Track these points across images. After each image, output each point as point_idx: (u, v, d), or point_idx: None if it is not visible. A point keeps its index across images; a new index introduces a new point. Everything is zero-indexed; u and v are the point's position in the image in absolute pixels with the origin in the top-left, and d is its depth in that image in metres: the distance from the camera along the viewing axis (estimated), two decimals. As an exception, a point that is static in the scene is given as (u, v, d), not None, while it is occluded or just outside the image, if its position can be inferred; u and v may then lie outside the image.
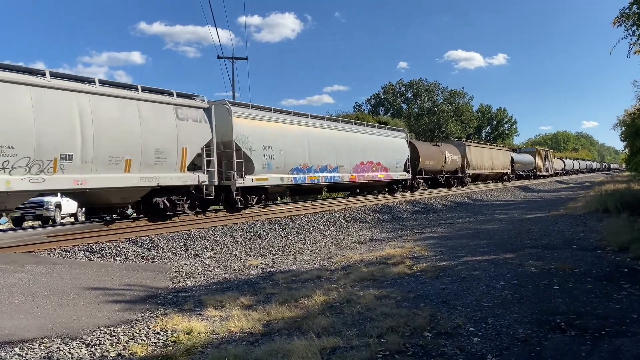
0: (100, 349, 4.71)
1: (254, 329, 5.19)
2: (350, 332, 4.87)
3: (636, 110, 25.26)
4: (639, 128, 21.81)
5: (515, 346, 4.34)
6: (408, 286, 6.81)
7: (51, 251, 9.33)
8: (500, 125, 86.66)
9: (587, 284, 6.42)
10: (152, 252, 10.24)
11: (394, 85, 75.94)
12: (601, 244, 9.45)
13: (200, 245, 11.25)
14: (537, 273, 7.20)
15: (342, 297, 6.26)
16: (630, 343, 4.26)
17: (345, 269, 8.35)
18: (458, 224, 15.67)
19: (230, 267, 9.46)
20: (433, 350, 4.28)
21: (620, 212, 13.02)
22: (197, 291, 7.44)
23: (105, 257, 9.50)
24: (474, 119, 77.44)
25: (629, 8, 11.22)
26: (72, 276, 7.80)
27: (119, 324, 5.53)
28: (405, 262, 8.59)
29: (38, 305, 6.16)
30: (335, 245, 12.07)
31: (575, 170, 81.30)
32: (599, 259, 8.06)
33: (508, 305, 5.60)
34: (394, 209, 19.52)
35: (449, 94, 76.92)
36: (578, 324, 4.83)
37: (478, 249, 9.97)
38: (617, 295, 5.85)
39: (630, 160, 28.95)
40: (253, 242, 12.26)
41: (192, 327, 5.20)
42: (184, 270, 9.08)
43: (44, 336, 5.02)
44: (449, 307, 5.63)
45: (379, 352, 4.26)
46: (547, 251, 9.13)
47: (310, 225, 14.82)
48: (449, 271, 7.68)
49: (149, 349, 4.70)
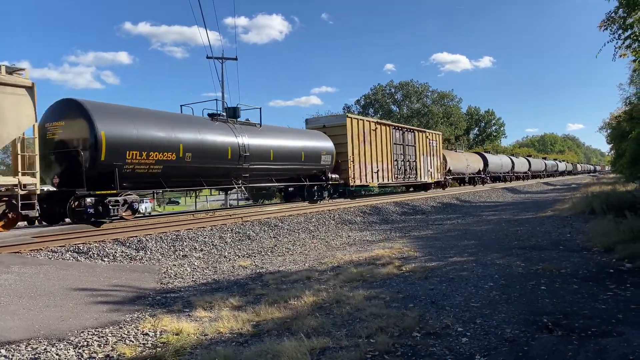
0: (88, 350, 4.67)
1: (244, 330, 5.18)
2: (339, 332, 4.88)
3: (622, 113, 25.60)
4: (625, 131, 22.10)
5: (503, 346, 4.38)
6: (397, 287, 6.84)
7: (38, 252, 9.23)
8: (488, 127, 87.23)
9: (574, 285, 6.50)
10: (140, 253, 10.17)
11: (384, 87, 76.16)
12: (587, 245, 9.57)
13: (189, 246, 11.20)
14: (525, 274, 7.27)
15: (331, 298, 6.27)
16: (616, 343, 4.32)
17: (334, 270, 8.36)
18: (446, 224, 15.76)
19: (219, 268, 9.42)
20: (422, 351, 4.31)
21: (606, 213, 13.18)
22: (186, 292, 7.41)
23: (93, 258, 9.42)
24: (463, 120, 77.88)
25: (614, 12, 11.36)
26: (59, 277, 7.73)
27: (107, 325, 5.49)
28: (394, 262, 8.62)
29: (24, 306, 6.09)
30: (325, 246, 12.08)
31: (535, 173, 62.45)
32: (585, 260, 8.16)
33: (496, 305, 5.65)
34: (382, 210, 19.59)
35: (438, 95, 77.29)
36: (565, 324, 4.89)
37: (466, 249, 10.04)
38: (603, 295, 5.93)
39: (616, 162, 29.34)
40: (242, 243, 12.23)
41: (181, 328, 5.18)
42: (173, 271, 9.04)
43: (30, 337, 4.96)
44: (437, 307, 5.67)
45: (368, 352, 4.27)
46: (534, 252, 9.22)
47: (300, 226, 14.82)
48: (438, 272, 7.72)
49: (138, 350, 4.67)
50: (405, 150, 26.25)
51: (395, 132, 25.24)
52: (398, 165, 25.36)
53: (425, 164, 28.76)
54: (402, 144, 25.86)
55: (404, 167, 26.02)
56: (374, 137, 22.85)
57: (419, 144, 27.85)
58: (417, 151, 27.52)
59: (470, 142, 79.46)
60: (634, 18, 11.17)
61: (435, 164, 30.33)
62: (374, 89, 75.94)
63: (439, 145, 31.45)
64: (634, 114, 19.37)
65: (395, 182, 25.08)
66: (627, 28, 11.21)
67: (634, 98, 23.78)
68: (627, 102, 26.09)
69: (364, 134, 21.91)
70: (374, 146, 22.81)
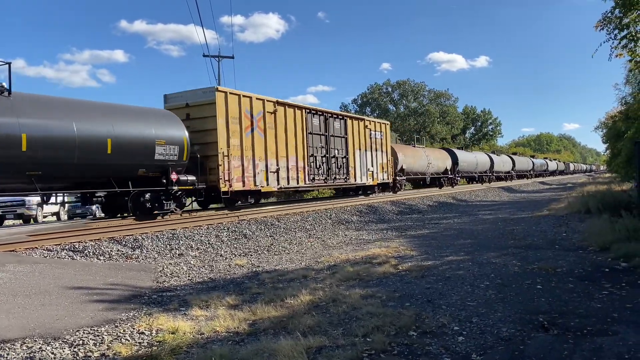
0: (84, 349, 4.65)
1: (240, 329, 5.17)
2: (336, 331, 4.88)
3: (617, 113, 25.71)
4: (620, 130, 22.20)
5: (499, 345, 4.39)
6: (393, 285, 6.85)
7: (33, 250, 9.19)
8: (484, 126, 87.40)
9: (570, 284, 6.52)
10: (136, 252, 10.14)
11: (381, 85, 76.20)
12: (583, 244, 9.61)
13: (185, 244, 11.18)
14: (521, 273, 7.29)
15: (328, 297, 6.27)
16: (611, 342, 4.33)
17: (331, 269, 8.37)
18: (442, 224, 15.80)
19: (216, 267, 9.41)
20: (418, 350, 4.31)
21: (601, 212, 13.22)
22: (182, 291, 7.39)
23: (89, 257, 9.39)
24: (459, 120, 78.02)
25: (611, 12, 11.41)
26: (54, 275, 7.70)
27: (103, 324, 5.47)
28: (390, 261, 8.64)
29: (19, 305, 6.07)
30: (321, 245, 12.08)
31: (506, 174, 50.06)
32: (581, 259, 8.19)
33: (492, 304, 5.67)
34: (379, 209, 19.61)
35: (434, 95, 77.40)
36: (560, 323, 4.91)
37: (462, 248, 10.06)
38: (599, 294, 5.95)
39: (612, 162, 29.48)
40: (239, 242, 12.22)
41: (177, 327, 5.17)
42: (169, 270, 9.01)
43: (25, 336, 4.94)
44: (433, 306, 5.68)
45: (364, 351, 4.27)
46: (530, 251, 9.25)
47: (297, 225, 14.81)
48: (434, 271, 7.74)
49: (134, 348, 4.66)
50: (330, 142, 19.84)
51: (311, 118, 18.88)
52: (317, 162, 18.99)
53: (364, 161, 22.39)
54: (324, 134, 19.55)
55: (328, 165, 19.63)
56: (272, 122, 16.65)
57: (353, 135, 21.55)
58: (349, 144, 21.14)
59: (467, 142, 79.56)
60: (630, 18, 11.22)
61: (379, 162, 23.94)
62: (370, 87, 76.00)
63: (386, 137, 24.91)
64: (629, 113, 19.47)
65: (310, 184, 18.80)
66: (623, 28, 11.26)
67: (630, 98, 23.86)
68: (622, 101, 26.21)
69: (251, 117, 15.64)
70: (271, 135, 16.53)
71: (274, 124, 16.77)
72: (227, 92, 14.98)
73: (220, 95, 14.64)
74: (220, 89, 14.91)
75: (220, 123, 14.49)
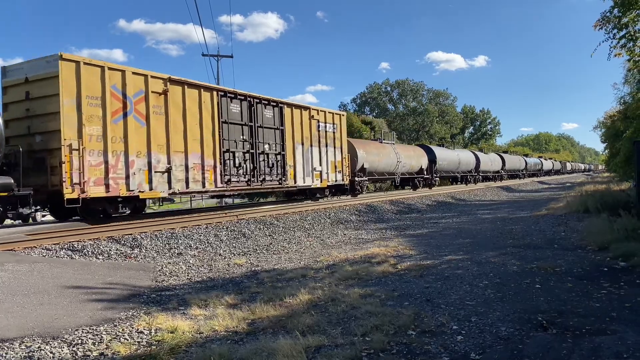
0: (83, 348, 4.65)
1: (239, 328, 5.17)
2: (335, 330, 4.88)
3: (616, 113, 25.74)
4: (619, 130, 22.24)
5: (498, 344, 4.39)
6: (392, 285, 6.85)
7: (32, 249, 9.17)
8: (483, 125, 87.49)
9: (568, 283, 6.53)
10: (135, 251, 10.13)
11: (380, 85, 76.24)
12: (582, 244, 9.62)
13: (184, 244, 11.17)
14: (519, 272, 7.30)
15: (327, 296, 6.27)
16: (610, 341, 4.34)
17: (330, 268, 8.37)
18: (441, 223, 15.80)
19: (215, 266, 9.41)
20: (417, 349, 4.31)
21: (600, 212, 13.23)
22: (181, 290, 7.39)
23: (87, 256, 9.38)
24: (459, 119, 78.10)
25: (609, 12, 11.43)
26: (53, 275, 7.69)
27: (102, 323, 5.47)
28: (389, 261, 8.64)
29: (18, 304, 6.06)
30: (320, 245, 12.08)
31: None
32: (580, 259, 8.19)
33: (491, 303, 5.67)
34: (378, 209, 19.60)
35: (433, 94, 77.48)
36: (559, 322, 4.91)
37: (461, 248, 10.06)
38: (597, 294, 5.96)
39: (610, 161, 29.49)
40: (237, 241, 12.21)
41: (176, 326, 5.17)
42: (168, 269, 9.01)
43: (24, 335, 4.93)
44: (432, 305, 5.68)
45: (363, 350, 4.27)
46: (529, 250, 9.25)
47: (295, 224, 14.80)
48: (433, 270, 7.74)
49: (133, 348, 4.65)
50: (258, 134, 16.15)
51: (227, 103, 15.01)
52: (235, 159, 15.20)
53: (308, 158, 18.73)
54: (248, 125, 15.78)
55: (254, 163, 15.94)
56: (161, 106, 12.83)
57: (293, 127, 17.91)
58: (287, 138, 17.53)
59: (466, 141, 79.66)
60: (628, 18, 11.25)
61: (331, 159, 20.20)
62: (370, 87, 76.06)
63: (341, 131, 21.13)
64: (628, 113, 19.51)
65: (224, 188, 14.93)
66: (622, 27, 11.29)
67: (629, 97, 23.89)
68: (621, 101, 26.21)
69: (123, 98, 11.86)
70: (159, 123, 12.73)
71: (165, 108, 12.90)
72: (81, 61, 11.05)
73: (67, 66, 10.77)
74: (67, 56, 10.83)
75: (67, 104, 10.73)
